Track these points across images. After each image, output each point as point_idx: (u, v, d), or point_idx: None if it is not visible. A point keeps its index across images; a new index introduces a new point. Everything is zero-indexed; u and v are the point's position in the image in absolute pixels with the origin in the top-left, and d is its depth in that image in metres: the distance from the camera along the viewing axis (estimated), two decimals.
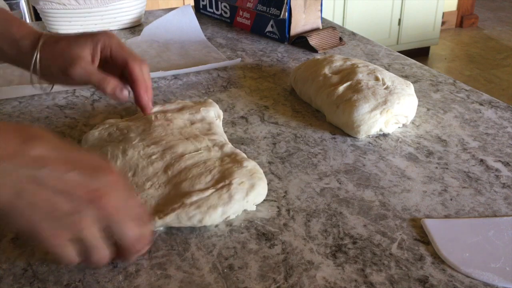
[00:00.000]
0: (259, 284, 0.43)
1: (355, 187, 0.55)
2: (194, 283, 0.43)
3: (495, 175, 0.57)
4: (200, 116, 0.62)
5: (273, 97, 0.77)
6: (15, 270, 0.44)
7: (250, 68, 0.88)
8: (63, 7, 1.07)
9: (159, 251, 0.46)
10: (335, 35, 0.99)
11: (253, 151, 0.62)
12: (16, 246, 0.47)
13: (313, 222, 0.50)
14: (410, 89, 0.68)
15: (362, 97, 0.65)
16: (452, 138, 0.65)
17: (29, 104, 0.75)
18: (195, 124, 0.60)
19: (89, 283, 0.43)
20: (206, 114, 0.63)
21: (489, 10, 4.33)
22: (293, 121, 0.70)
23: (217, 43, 1.01)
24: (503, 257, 0.45)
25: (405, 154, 0.61)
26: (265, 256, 0.46)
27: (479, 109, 0.72)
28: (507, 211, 0.51)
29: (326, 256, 0.46)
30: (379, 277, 0.43)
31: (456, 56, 3.47)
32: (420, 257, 0.45)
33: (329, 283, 0.43)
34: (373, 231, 0.49)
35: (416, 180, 0.56)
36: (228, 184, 0.49)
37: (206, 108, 0.63)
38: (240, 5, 1.07)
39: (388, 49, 0.96)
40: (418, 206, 0.52)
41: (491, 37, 3.77)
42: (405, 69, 0.87)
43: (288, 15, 0.97)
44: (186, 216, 0.47)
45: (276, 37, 1.01)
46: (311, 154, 0.62)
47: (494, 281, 0.42)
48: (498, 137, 0.65)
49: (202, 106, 0.64)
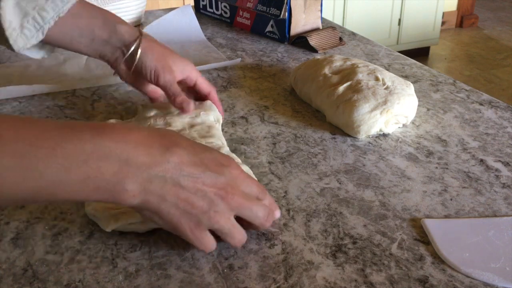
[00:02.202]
0: (259, 284, 0.43)
1: (355, 187, 0.55)
2: (194, 283, 0.43)
3: (495, 175, 0.57)
4: (199, 119, 0.62)
5: (273, 97, 0.77)
6: (15, 270, 0.44)
7: (250, 68, 0.88)
8: None
9: (159, 251, 0.46)
10: (335, 35, 0.99)
11: (253, 151, 0.62)
12: (16, 246, 0.47)
13: (313, 222, 0.50)
14: (410, 89, 0.68)
15: (362, 97, 0.65)
16: (452, 138, 0.65)
17: (29, 104, 0.75)
18: (194, 127, 0.61)
19: (89, 283, 0.43)
20: (206, 118, 0.63)
21: (489, 10, 4.33)
22: (293, 121, 0.70)
23: (217, 43, 1.01)
24: (503, 257, 0.45)
25: (405, 154, 0.61)
26: (265, 256, 0.46)
27: (479, 109, 0.72)
28: (507, 211, 0.51)
29: (326, 256, 0.46)
30: (379, 277, 0.43)
31: (456, 56, 3.47)
32: (420, 257, 0.45)
33: (329, 283, 0.43)
34: (373, 231, 0.49)
35: (416, 180, 0.56)
36: None
37: (206, 112, 0.64)
38: (240, 5, 1.07)
39: (388, 49, 0.96)
40: (418, 206, 0.52)
41: (491, 37, 3.77)
42: (405, 69, 0.87)
43: (288, 15, 0.97)
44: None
45: (276, 37, 1.01)
46: (311, 154, 0.62)
47: (494, 281, 0.42)
48: (498, 137, 0.65)
49: (202, 110, 0.64)
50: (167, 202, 0.41)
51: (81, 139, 0.38)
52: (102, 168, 0.38)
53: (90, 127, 0.40)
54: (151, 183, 0.40)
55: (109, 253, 0.46)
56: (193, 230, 0.43)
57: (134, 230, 0.48)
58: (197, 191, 0.42)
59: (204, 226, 0.43)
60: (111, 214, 0.47)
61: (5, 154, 0.35)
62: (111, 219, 0.47)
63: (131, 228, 0.48)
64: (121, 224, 0.47)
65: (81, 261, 0.45)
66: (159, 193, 0.41)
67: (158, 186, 0.40)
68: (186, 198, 0.42)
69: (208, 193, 0.42)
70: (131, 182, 0.39)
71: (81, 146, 0.38)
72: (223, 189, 0.43)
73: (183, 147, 0.42)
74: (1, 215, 0.51)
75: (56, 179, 0.37)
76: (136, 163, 0.39)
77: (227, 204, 0.43)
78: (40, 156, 0.36)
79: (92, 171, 0.38)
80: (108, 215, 0.47)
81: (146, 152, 0.40)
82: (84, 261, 0.45)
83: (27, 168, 0.36)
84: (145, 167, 0.40)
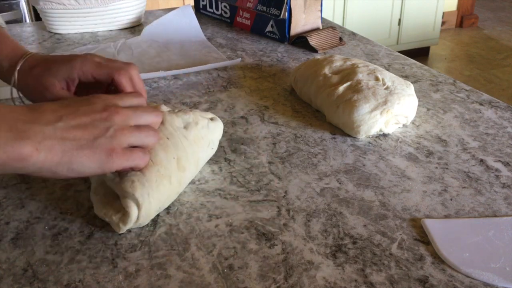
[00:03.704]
0: (259, 284, 0.43)
1: (355, 187, 0.55)
2: (194, 283, 0.43)
3: (495, 175, 0.57)
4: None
5: (273, 97, 0.77)
6: (15, 270, 0.44)
7: (250, 68, 0.88)
8: (63, 7, 1.07)
9: (159, 251, 0.46)
10: (335, 35, 0.99)
11: (253, 151, 0.62)
12: (16, 246, 0.47)
13: (313, 222, 0.50)
14: (410, 89, 0.68)
15: (362, 97, 0.65)
16: (452, 138, 0.65)
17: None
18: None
19: (89, 283, 0.43)
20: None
21: (489, 10, 4.33)
22: (293, 121, 0.70)
23: (217, 43, 1.01)
24: (503, 257, 0.45)
25: (405, 154, 0.61)
26: (265, 256, 0.46)
27: (479, 109, 0.72)
28: (507, 211, 0.51)
29: (326, 256, 0.46)
30: (379, 277, 0.43)
31: (456, 56, 3.48)
32: (420, 257, 0.45)
33: (329, 283, 0.43)
34: (373, 231, 0.49)
35: (416, 180, 0.56)
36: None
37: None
38: (240, 5, 1.07)
39: (388, 49, 0.96)
40: (418, 206, 0.52)
41: (491, 37, 3.77)
42: (405, 69, 0.87)
43: (288, 15, 0.97)
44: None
45: (276, 37, 1.01)
46: (311, 154, 0.62)
47: (494, 281, 0.42)
48: (498, 137, 0.65)
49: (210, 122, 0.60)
50: (65, 152, 0.43)
51: None
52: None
53: None
54: (42, 139, 0.42)
55: (109, 253, 0.46)
56: (110, 152, 0.45)
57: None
58: (79, 125, 0.44)
59: (116, 142, 0.45)
60: (118, 218, 0.48)
61: None
62: (119, 223, 0.48)
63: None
64: (129, 227, 0.48)
65: (81, 261, 0.45)
66: (51, 149, 0.42)
67: (45, 141, 0.42)
68: (74, 136, 0.44)
69: (94, 121, 0.45)
70: (26, 144, 0.41)
71: None
72: (105, 111, 0.45)
73: (48, 106, 0.45)
74: (1, 215, 0.51)
75: None
76: (22, 121, 0.42)
77: (117, 120, 0.46)
78: None
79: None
80: (116, 219, 0.48)
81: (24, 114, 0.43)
82: (84, 261, 0.45)
83: None
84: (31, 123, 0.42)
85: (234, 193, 0.54)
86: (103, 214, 0.49)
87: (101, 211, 0.49)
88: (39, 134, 0.42)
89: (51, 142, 0.43)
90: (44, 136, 0.43)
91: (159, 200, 0.50)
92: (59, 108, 0.45)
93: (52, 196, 0.54)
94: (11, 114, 0.43)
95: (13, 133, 0.41)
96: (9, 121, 0.42)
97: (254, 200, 0.53)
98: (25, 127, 0.42)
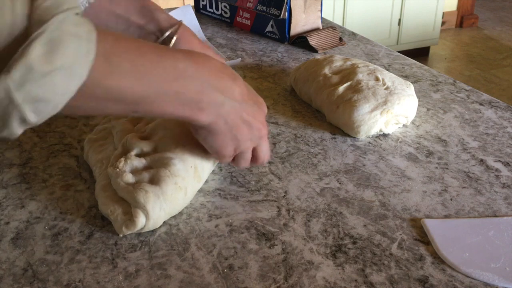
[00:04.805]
0: (259, 284, 0.43)
1: (355, 187, 0.55)
2: (194, 283, 0.43)
3: (495, 175, 0.57)
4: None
5: (273, 97, 0.77)
6: (15, 270, 0.44)
7: (250, 68, 0.88)
8: None
9: (159, 251, 0.46)
10: (335, 35, 0.99)
11: None
12: (16, 246, 0.47)
13: (313, 222, 0.50)
14: (410, 90, 0.68)
15: (362, 98, 0.65)
16: (452, 138, 0.65)
17: None
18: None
19: (89, 283, 0.43)
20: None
21: (489, 10, 4.33)
22: (293, 121, 0.70)
23: (217, 43, 1.01)
24: (503, 257, 0.45)
25: (405, 154, 0.61)
26: (265, 256, 0.46)
27: (479, 109, 0.72)
28: (507, 211, 0.51)
29: (326, 256, 0.46)
30: (379, 277, 0.43)
31: (456, 56, 3.47)
32: (420, 257, 0.45)
33: (329, 283, 0.43)
34: (373, 231, 0.49)
35: (416, 180, 0.56)
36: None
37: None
38: (240, 5, 1.07)
39: (388, 49, 0.96)
40: (418, 206, 0.52)
41: (491, 37, 3.76)
42: (405, 69, 0.87)
43: (288, 15, 0.97)
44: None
45: (276, 37, 1.01)
46: (311, 154, 0.62)
47: (494, 281, 0.42)
48: (498, 137, 0.65)
49: None
50: (227, 125, 0.47)
51: (176, 58, 0.43)
52: (189, 85, 0.43)
53: (180, 51, 0.45)
54: (222, 106, 0.46)
55: (109, 253, 0.46)
56: (232, 153, 0.50)
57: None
58: (245, 121, 0.48)
59: (239, 150, 0.50)
60: (122, 220, 0.48)
61: (124, 60, 0.39)
62: (122, 226, 0.47)
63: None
64: (131, 232, 0.48)
65: (81, 261, 0.45)
66: (225, 116, 0.47)
67: (226, 109, 0.46)
68: (238, 124, 0.48)
69: (252, 123, 0.49)
70: (208, 103, 0.45)
71: (176, 64, 0.43)
72: (260, 123, 0.50)
73: (242, 81, 0.49)
74: (1, 215, 0.51)
75: (157, 89, 0.42)
76: (214, 87, 0.45)
77: (258, 135, 0.50)
78: (148, 66, 0.41)
79: (181, 87, 0.43)
80: (120, 220, 0.48)
81: (219, 78, 0.46)
82: (84, 261, 0.45)
83: (138, 73, 0.40)
84: (219, 91, 0.45)
85: (234, 193, 0.54)
86: (109, 212, 0.48)
87: (107, 209, 0.49)
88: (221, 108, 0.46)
89: (226, 117, 0.47)
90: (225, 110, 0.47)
91: (170, 214, 0.50)
92: (247, 90, 0.50)
93: (52, 196, 0.54)
94: (209, 75, 0.45)
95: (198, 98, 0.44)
96: (203, 83, 0.45)
97: (254, 200, 0.53)
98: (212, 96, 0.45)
